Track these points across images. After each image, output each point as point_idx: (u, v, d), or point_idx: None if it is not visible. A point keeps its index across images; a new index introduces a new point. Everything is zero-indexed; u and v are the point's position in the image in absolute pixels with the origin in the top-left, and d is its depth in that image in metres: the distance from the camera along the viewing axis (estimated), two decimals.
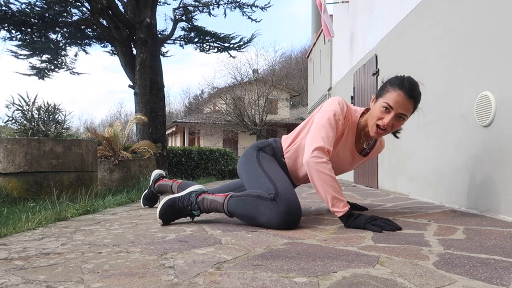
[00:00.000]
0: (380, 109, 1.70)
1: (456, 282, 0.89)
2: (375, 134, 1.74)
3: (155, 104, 7.14)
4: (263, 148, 1.98)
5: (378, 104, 1.72)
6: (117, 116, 37.64)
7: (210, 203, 1.76)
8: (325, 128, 1.69)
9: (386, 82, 1.75)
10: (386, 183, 3.55)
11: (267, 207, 1.59)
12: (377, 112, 1.71)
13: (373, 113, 1.74)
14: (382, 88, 1.75)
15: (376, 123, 1.71)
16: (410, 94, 1.66)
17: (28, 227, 1.74)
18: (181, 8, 8.73)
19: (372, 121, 1.74)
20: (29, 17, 7.34)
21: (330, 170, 1.61)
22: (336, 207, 1.59)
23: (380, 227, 1.52)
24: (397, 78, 1.72)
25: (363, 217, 1.59)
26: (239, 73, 22.77)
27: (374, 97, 1.78)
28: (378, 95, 1.75)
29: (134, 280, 0.93)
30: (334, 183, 1.60)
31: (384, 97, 1.69)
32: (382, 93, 1.72)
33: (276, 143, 2.00)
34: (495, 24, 1.90)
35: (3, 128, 3.52)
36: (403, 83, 1.68)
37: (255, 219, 1.63)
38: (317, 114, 1.79)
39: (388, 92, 1.69)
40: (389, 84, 1.72)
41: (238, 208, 1.67)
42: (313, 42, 9.00)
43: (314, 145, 1.65)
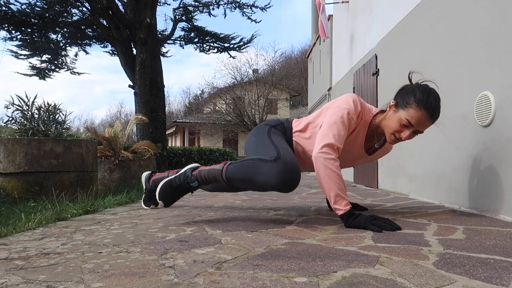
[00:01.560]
0: (400, 122, 1.68)
1: (456, 282, 0.89)
2: (391, 142, 1.76)
3: (155, 104, 7.14)
4: (275, 126, 1.97)
5: (398, 116, 1.69)
6: (117, 116, 37.66)
7: (208, 172, 1.77)
8: (337, 126, 1.68)
9: (411, 93, 1.67)
10: (386, 183, 3.55)
11: (266, 167, 1.61)
12: (396, 124, 1.69)
13: (391, 123, 1.72)
14: (406, 99, 1.68)
15: (394, 133, 1.71)
16: (433, 115, 1.66)
17: (28, 227, 1.74)
18: (181, 8, 8.73)
19: (389, 129, 1.73)
20: (29, 17, 7.34)
21: (337, 168, 1.61)
22: (338, 204, 1.59)
23: (380, 226, 1.53)
24: (423, 94, 1.65)
25: (363, 216, 1.59)
26: (239, 73, 22.79)
27: (394, 104, 1.72)
28: (400, 105, 1.70)
29: (134, 280, 0.93)
30: (339, 181, 1.59)
31: (407, 113, 1.66)
32: (404, 106, 1.67)
33: (288, 123, 1.99)
34: (495, 24, 1.90)
35: (4, 128, 3.52)
36: (429, 103, 1.64)
37: (253, 181, 1.64)
38: (330, 109, 1.76)
39: (411, 108, 1.65)
40: (414, 100, 1.65)
41: (236, 172, 1.69)
42: (313, 42, 9.01)
43: (324, 141, 1.64)
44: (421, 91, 1.67)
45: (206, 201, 2.90)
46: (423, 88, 1.69)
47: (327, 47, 7.03)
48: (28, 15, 7.30)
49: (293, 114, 26.18)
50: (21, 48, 8.02)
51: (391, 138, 1.73)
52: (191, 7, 8.88)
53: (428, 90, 1.68)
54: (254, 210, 2.29)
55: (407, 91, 1.70)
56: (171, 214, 2.18)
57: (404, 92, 1.72)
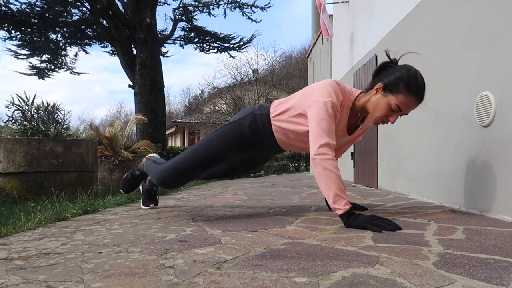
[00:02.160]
0: (389, 107, 1.70)
1: (456, 282, 0.89)
2: (376, 124, 1.79)
3: (155, 104, 7.14)
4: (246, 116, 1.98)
5: (387, 101, 1.70)
6: (117, 116, 37.63)
7: (140, 163, 2.38)
8: (326, 121, 1.68)
9: (400, 79, 1.68)
10: (386, 183, 3.55)
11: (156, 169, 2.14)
12: (385, 109, 1.71)
13: (379, 107, 1.72)
14: (395, 84, 1.68)
15: (381, 118, 1.74)
16: (422, 99, 1.71)
17: (28, 227, 1.74)
18: (181, 8, 8.73)
19: (376, 113, 1.74)
20: (29, 17, 7.34)
21: (335, 168, 1.62)
22: (337, 204, 1.59)
23: (380, 227, 1.52)
24: (415, 83, 1.68)
25: (363, 216, 1.58)
26: (239, 73, 22.77)
27: (381, 87, 1.72)
28: (388, 89, 1.70)
29: (134, 280, 0.93)
30: (338, 181, 1.59)
31: (397, 98, 1.68)
32: (395, 91, 1.68)
33: (261, 109, 1.97)
34: (495, 24, 1.90)
35: (3, 128, 3.52)
36: (419, 88, 1.69)
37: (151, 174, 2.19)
38: (313, 104, 1.74)
39: (401, 94, 1.67)
40: (404, 86, 1.67)
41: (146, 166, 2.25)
42: (313, 42, 9.00)
43: (319, 141, 1.65)
44: (410, 76, 1.69)
45: (206, 201, 2.90)
46: (411, 72, 1.71)
47: (327, 47, 7.03)
48: (28, 15, 7.30)
49: None
50: (21, 48, 8.03)
51: (378, 121, 1.76)
52: (191, 7, 8.88)
53: (415, 73, 1.71)
54: (254, 210, 2.29)
55: (395, 76, 1.70)
56: (171, 214, 2.18)
57: (391, 76, 1.71)
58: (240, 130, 1.96)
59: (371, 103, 1.76)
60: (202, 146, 2.03)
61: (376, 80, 1.78)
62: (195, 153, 2.02)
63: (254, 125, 1.95)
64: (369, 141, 4.00)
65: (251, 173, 9.90)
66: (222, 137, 1.99)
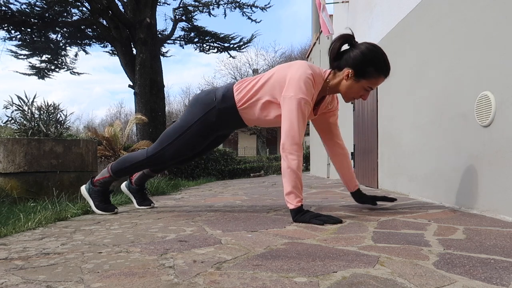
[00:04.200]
0: (362, 89, 1.85)
1: (456, 282, 0.89)
2: (347, 101, 1.96)
3: (155, 104, 7.14)
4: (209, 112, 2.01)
5: (360, 85, 1.83)
6: (117, 116, 37.63)
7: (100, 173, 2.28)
8: (298, 120, 1.77)
9: (371, 65, 1.80)
10: (386, 183, 3.55)
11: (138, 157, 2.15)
12: (358, 91, 1.86)
13: (353, 90, 1.86)
14: (366, 70, 1.80)
15: (354, 97, 1.90)
16: (389, 74, 1.86)
17: (28, 227, 1.74)
18: (181, 8, 8.73)
19: (350, 95, 1.89)
20: (29, 17, 7.34)
21: (297, 167, 1.74)
22: (290, 199, 1.74)
23: (323, 221, 1.67)
24: (384, 65, 1.82)
25: (309, 213, 1.74)
26: (239, 73, 22.78)
27: (352, 73, 1.81)
28: (360, 74, 1.81)
29: (134, 280, 0.93)
30: (296, 180, 1.73)
31: (370, 81, 1.83)
32: (366, 75, 1.81)
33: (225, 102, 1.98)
34: (495, 24, 1.90)
35: (3, 128, 3.52)
36: (388, 69, 1.84)
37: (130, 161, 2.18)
38: (287, 100, 1.79)
39: (374, 78, 1.82)
40: (375, 70, 1.81)
41: (117, 163, 2.21)
42: (313, 42, 9.00)
43: (289, 139, 1.76)
44: (378, 59, 1.81)
45: (206, 201, 2.90)
46: (378, 54, 1.82)
47: (327, 47, 7.02)
48: (28, 15, 7.30)
49: None
50: (21, 48, 8.03)
51: (350, 99, 1.93)
52: (191, 7, 8.88)
53: (381, 53, 1.83)
54: (254, 210, 2.29)
55: (364, 61, 1.80)
56: (171, 214, 2.18)
57: (359, 60, 1.80)
58: (208, 125, 2.04)
59: (343, 86, 1.88)
60: (175, 144, 2.07)
61: (342, 61, 1.86)
62: (170, 150, 2.09)
63: (220, 119, 2.02)
64: (369, 141, 4.00)
65: (251, 173, 9.90)
66: (192, 136, 2.05)
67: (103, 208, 2.23)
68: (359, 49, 1.82)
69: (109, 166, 2.26)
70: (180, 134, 2.06)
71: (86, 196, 2.27)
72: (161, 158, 2.13)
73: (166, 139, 2.10)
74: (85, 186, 2.29)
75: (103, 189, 2.26)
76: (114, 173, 2.22)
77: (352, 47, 1.87)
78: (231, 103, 1.98)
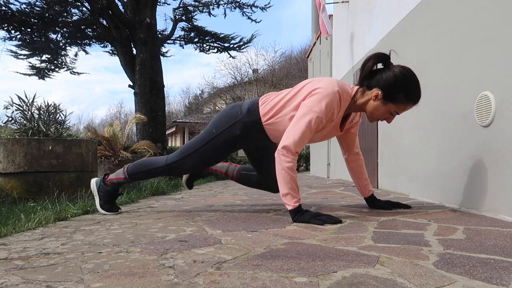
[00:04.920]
0: (388, 113, 1.83)
1: (456, 282, 0.89)
2: (372, 122, 1.95)
3: (155, 104, 7.14)
4: (234, 124, 1.98)
5: (387, 108, 1.81)
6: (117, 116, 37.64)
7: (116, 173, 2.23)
8: (304, 131, 1.75)
9: (402, 91, 1.76)
10: (386, 183, 3.55)
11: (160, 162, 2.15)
12: (384, 114, 1.84)
13: (379, 112, 1.83)
14: (395, 94, 1.77)
15: (379, 119, 1.88)
16: (418, 102, 1.83)
17: (28, 227, 1.74)
18: (181, 8, 8.73)
19: (375, 116, 1.86)
20: (29, 17, 7.34)
21: (292, 170, 1.74)
22: (287, 200, 1.74)
23: (323, 221, 1.67)
24: (415, 93, 1.79)
25: (309, 213, 1.73)
26: (239, 73, 22.78)
27: (381, 95, 1.78)
28: (389, 99, 1.78)
29: (134, 280, 0.93)
30: (291, 181, 1.73)
31: (397, 106, 1.81)
32: (395, 100, 1.79)
33: (250, 116, 1.95)
34: (495, 24, 1.90)
35: (3, 128, 3.52)
36: (418, 98, 1.81)
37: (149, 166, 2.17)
38: (304, 107, 1.78)
39: (402, 104, 1.80)
40: (404, 96, 1.78)
41: (134, 166, 2.19)
42: (313, 42, 9.00)
43: (288, 143, 1.74)
44: (410, 86, 1.78)
45: (206, 201, 2.90)
46: (411, 80, 1.79)
47: (327, 47, 7.02)
48: (28, 15, 7.29)
49: None
50: (21, 48, 8.02)
51: (375, 120, 1.91)
52: (191, 7, 8.88)
53: (415, 81, 1.80)
54: (254, 210, 2.29)
55: (395, 85, 1.77)
56: (171, 214, 2.18)
57: (390, 83, 1.77)
58: (232, 138, 2.01)
59: (369, 106, 1.85)
60: (196, 155, 2.06)
61: (373, 80, 1.82)
62: (191, 160, 2.07)
63: (245, 133, 1.99)
64: (369, 141, 4.00)
65: None
66: (215, 148, 2.03)
67: (107, 209, 2.21)
68: (393, 71, 1.78)
69: (125, 168, 2.21)
70: (203, 145, 2.03)
71: (94, 191, 2.24)
72: (180, 168, 2.12)
73: (188, 149, 2.08)
74: (95, 181, 2.26)
75: (113, 190, 2.23)
76: (130, 175, 2.18)
77: (385, 67, 1.82)
78: (256, 117, 1.94)
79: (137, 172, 2.19)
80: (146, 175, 2.23)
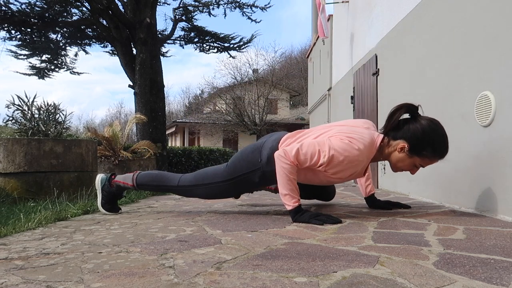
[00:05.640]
0: (413, 165, 1.81)
1: (456, 282, 0.89)
2: (395, 172, 1.90)
3: (155, 104, 7.14)
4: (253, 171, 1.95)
5: (413, 161, 1.79)
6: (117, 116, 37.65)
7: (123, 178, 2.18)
8: (311, 154, 1.72)
9: (429, 146, 1.73)
10: (386, 183, 3.55)
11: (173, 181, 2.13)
12: (410, 166, 1.82)
13: (404, 164, 1.81)
14: (422, 149, 1.74)
15: (403, 169, 1.85)
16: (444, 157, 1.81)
17: (28, 227, 1.74)
18: (181, 8, 8.72)
19: (399, 167, 1.85)
20: (29, 17, 7.34)
21: (290, 172, 1.73)
22: (287, 201, 1.74)
23: (322, 221, 1.67)
24: (443, 149, 1.77)
25: (308, 213, 1.73)
26: (239, 73, 22.80)
27: (407, 147, 1.75)
28: (415, 153, 1.76)
29: (134, 280, 0.93)
30: (289, 182, 1.73)
31: (422, 160, 1.78)
32: (421, 153, 1.75)
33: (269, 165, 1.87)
34: (495, 24, 1.90)
35: (3, 128, 3.52)
36: (445, 153, 1.78)
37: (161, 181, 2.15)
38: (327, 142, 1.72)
39: (427, 158, 1.77)
40: (431, 151, 1.75)
41: (145, 177, 2.17)
42: (313, 42, 9.00)
43: (289, 151, 1.73)
44: (438, 142, 1.75)
45: (206, 201, 2.90)
46: (438, 134, 1.75)
47: (327, 47, 7.02)
48: (28, 15, 7.29)
49: (293, 114, 26.14)
50: (21, 48, 8.02)
51: (397, 170, 1.88)
52: (191, 7, 8.87)
53: (442, 135, 1.76)
54: (254, 210, 2.29)
55: (423, 139, 1.73)
56: (171, 214, 2.18)
57: (417, 137, 1.74)
58: (250, 183, 2.02)
59: (394, 157, 1.83)
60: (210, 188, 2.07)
61: (400, 132, 1.78)
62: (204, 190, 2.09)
63: (264, 180, 1.99)
64: None
65: None
66: (230, 187, 2.05)
67: (107, 209, 2.20)
68: (421, 125, 1.74)
69: (135, 175, 2.17)
70: (219, 181, 2.03)
71: (98, 189, 2.21)
72: (191, 193, 2.14)
73: (203, 179, 2.07)
74: (101, 178, 2.21)
75: (117, 193, 2.22)
76: (138, 185, 2.17)
77: (413, 119, 1.78)
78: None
79: (147, 184, 2.18)
80: (155, 188, 2.23)
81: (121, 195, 2.28)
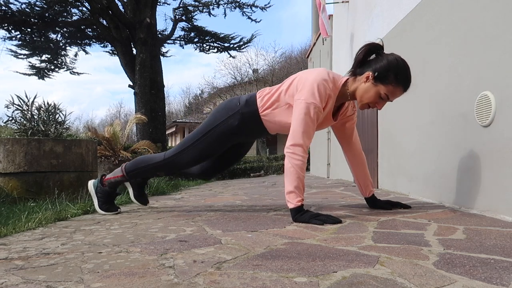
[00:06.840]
0: (378, 95, 1.81)
1: (456, 282, 0.89)
2: (362, 109, 1.91)
3: (155, 104, 7.14)
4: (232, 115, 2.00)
5: (377, 90, 1.80)
6: (116, 116, 37.63)
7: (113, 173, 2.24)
8: (306, 123, 1.77)
9: (392, 72, 1.77)
10: (386, 183, 3.55)
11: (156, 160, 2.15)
12: (374, 97, 1.82)
13: (368, 95, 1.82)
14: (385, 75, 1.78)
15: (369, 104, 1.85)
16: (408, 88, 1.83)
17: (28, 227, 1.74)
18: (181, 8, 8.73)
19: (364, 99, 1.84)
20: (29, 17, 7.34)
21: (300, 168, 1.76)
22: (291, 199, 1.76)
23: (323, 221, 1.68)
24: (405, 75, 1.80)
25: (309, 213, 1.75)
26: (239, 73, 22.81)
27: (372, 76, 1.79)
28: (380, 80, 1.79)
29: (134, 280, 0.93)
30: (298, 180, 1.75)
31: (387, 88, 1.79)
32: (385, 82, 1.78)
33: (248, 106, 1.98)
34: (495, 24, 1.90)
35: (3, 128, 3.52)
36: (408, 82, 1.81)
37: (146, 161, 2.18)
38: (298, 103, 1.80)
39: (391, 85, 1.78)
40: (395, 78, 1.78)
41: (133, 163, 2.20)
42: (313, 42, 9.00)
43: (295, 140, 1.77)
44: (400, 68, 1.79)
45: (206, 201, 2.90)
46: (401, 63, 1.81)
47: (327, 47, 7.02)
48: (28, 14, 7.29)
49: None
50: (21, 48, 8.03)
51: (365, 106, 1.88)
52: (191, 7, 8.88)
53: (405, 65, 1.82)
54: (254, 210, 2.29)
55: (386, 66, 1.79)
56: (171, 214, 2.18)
57: (381, 65, 1.79)
58: (230, 129, 2.02)
59: (360, 90, 1.86)
60: (194, 149, 2.07)
61: (365, 67, 1.85)
62: (189, 153, 2.08)
63: (243, 124, 2.00)
64: (369, 141, 4.00)
65: (251, 173, 9.91)
66: (213, 140, 2.04)
67: (105, 209, 2.21)
68: (385, 56, 1.82)
69: (123, 166, 2.23)
70: (201, 137, 2.05)
71: (92, 193, 2.24)
72: (178, 163, 2.11)
73: (186, 142, 2.10)
74: (93, 182, 2.26)
75: (111, 190, 2.24)
76: (128, 173, 2.20)
77: (378, 55, 1.86)
78: (253, 108, 1.97)
79: (135, 168, 2.20)
80: (144, 171, 2.22)
81: (115, 193, 2.29)
